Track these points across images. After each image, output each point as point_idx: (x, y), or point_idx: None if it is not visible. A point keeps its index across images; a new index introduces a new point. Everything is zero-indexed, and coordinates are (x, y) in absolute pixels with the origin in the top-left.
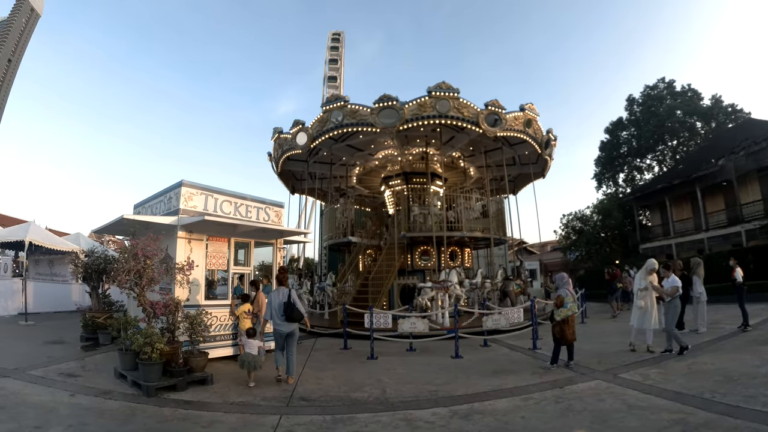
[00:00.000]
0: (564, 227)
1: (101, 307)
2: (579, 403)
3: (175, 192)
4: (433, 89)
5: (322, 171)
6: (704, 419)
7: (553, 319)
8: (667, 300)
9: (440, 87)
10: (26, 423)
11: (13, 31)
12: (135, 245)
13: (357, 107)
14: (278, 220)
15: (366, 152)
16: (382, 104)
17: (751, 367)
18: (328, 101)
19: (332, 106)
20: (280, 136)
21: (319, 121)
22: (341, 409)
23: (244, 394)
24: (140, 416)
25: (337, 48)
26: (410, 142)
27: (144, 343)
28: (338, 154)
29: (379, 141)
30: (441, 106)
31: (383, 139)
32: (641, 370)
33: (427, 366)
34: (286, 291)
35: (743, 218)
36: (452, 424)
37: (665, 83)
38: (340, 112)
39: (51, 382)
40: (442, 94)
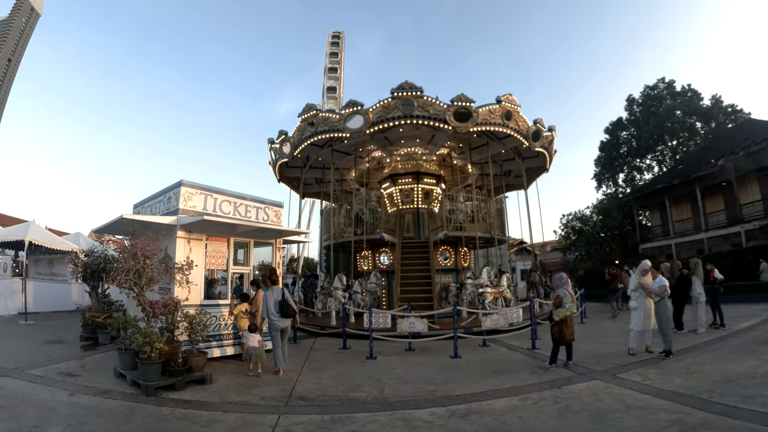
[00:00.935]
0: (564, 227)
1: (101, 307)
2: (577, 403)
3: (175, 192)
4: (396, 90)
5: (319, 176)
6: (702, 419)
7: (552, 319)
8: (656, 300)
9: (403, 87)
10: (26, 422)
11: (13, 30)
12: (134, 245)
13: (327, 115)
14: (277, 220)
15: (356, 155)
16: (349, 110)
17: (749, 368)
18: (304, 111)
19: (307, 115)
20: (273, 145)
21: (298, 130)
22: (340, 408)
23: (243, 394)
24: (139, 415)
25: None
26: (394, 144)
27: (143, 342)
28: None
29: (365, 144)
30: (405, 107)
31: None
32: (640, 370)
33: (425, 366)
34: (280, 290)
35: (743, 218)
36: (450, 423)
37: (665, 83)
38: (315, 121)
39: (50, 381)
40: (405, 93)
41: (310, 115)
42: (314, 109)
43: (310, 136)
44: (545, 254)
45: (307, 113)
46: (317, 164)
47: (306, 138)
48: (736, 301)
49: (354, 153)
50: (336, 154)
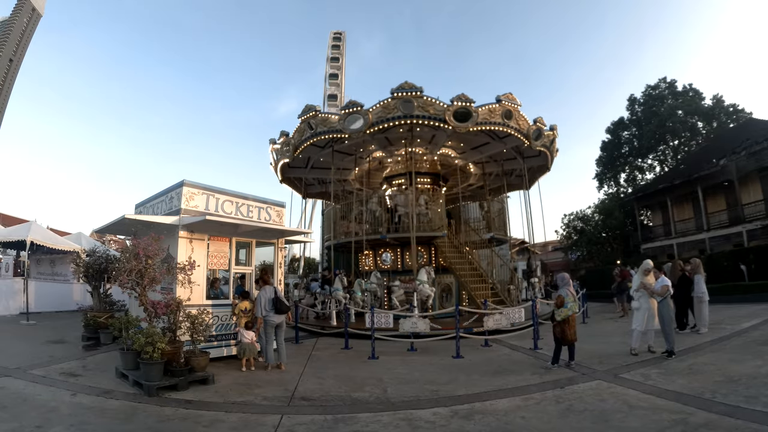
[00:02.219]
0: (565, 227)
1: (103, 307)
2: (580, 404)
3: (177, 192)
4: (396, 90)
5: (321, 176)
6: (705, 419)
7: (554, 319)
8: (658, 300)
9: (403, 87)
10: (28, 422)
11: (15, 31)
12: (136, 245)
13: (327, 116)
14: (279, 220)
15: (357, 156)
16: (349, 110)
17: (752, 368)
18: (303, 112)
19: (306, 116)
20: (274, 146)
21: (298, 131)
22: (342, 408)
23: (245, 394)
24: (141, 415)
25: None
26: (394, 144)
27: (145, 342)
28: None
29: (365, 144)
30: (405, 106)
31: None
32: (642, 370)
33: (428, 366)
34: (272, 288)
35: (744, 218)
36: (453, 423)
37: (666, 83)
38: (314, 122)
39: (52, 381)
40: (405, 94)
41: (310, 116)
42: (314, 110)
43: (310, 137)
44: (547, 254)
45: (307, 114)
46: (319, 165)
47: (306, 139)
48: (738, 301)
49: (354, 154)
50: (337, 154)
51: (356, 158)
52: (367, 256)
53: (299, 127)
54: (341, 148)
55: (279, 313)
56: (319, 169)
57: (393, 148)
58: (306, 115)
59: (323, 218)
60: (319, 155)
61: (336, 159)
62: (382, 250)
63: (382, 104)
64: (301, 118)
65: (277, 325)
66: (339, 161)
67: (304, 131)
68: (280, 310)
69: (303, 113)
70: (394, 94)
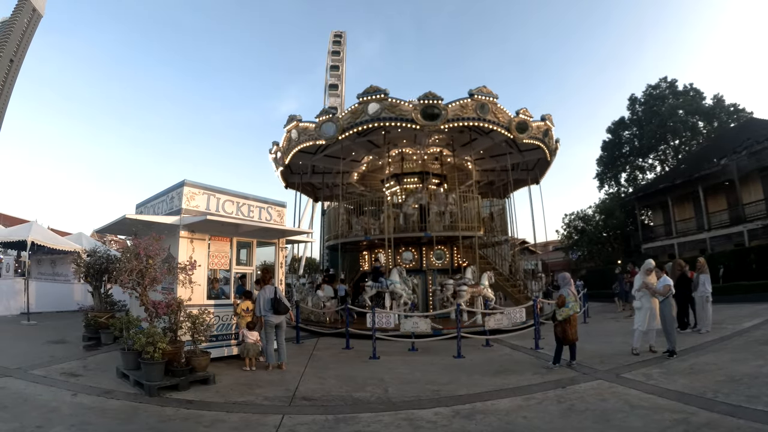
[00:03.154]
0: (566, 227)
1: (103, 307)
2: (581, 403)
3: (177, 192)
4: (475, 92)
5: (327, 180)
6: (707, 419)
7: (555, 318)
8: (660, 299)
9: (481, 91)
10: (29, 422)
11: (15, 31)
12: (137, 245)
13: (306, 125)
14: (280, 220)
15: (348, 159)
16: (426, 101)
17: (753, 367)
18: (287, 122)
19: (289, 126)
20: (300, 124)
21: (286, 140)
22: (343, 408)
23: (246, 394)
24: (142, 415)
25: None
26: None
27: (146, 342)
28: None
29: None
30: (482, 110)
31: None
32: (643, 370)
33: (429, 366)
34: (272, 288)
35: (745, 218)
36: (454, 423)
37: (667, 83)
38: (381, 105)
39: (53, 381)
40: (483, 98)
41: (292, 126)
42: (295, 119)
43: (295, 145)
44: (547, 254)
45: (290, 124)
46: (320, 170)
47: (292, 147)
48: (740, 301)
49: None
50: (331, 159)
51: (350, 161)
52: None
53: (286, 136)
54: (332, 152)
55: (278, 314)
56: (318, 173)
57: (380, 150)
58: (289, 125)
59: (323, 218)
60: (312, 161)
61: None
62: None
63: (351, 110)
64: (286, 128)
65: (277, 325)
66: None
67: (362, 113)
68: (278, 311)
69: (287, 123)
70: (360, 98)
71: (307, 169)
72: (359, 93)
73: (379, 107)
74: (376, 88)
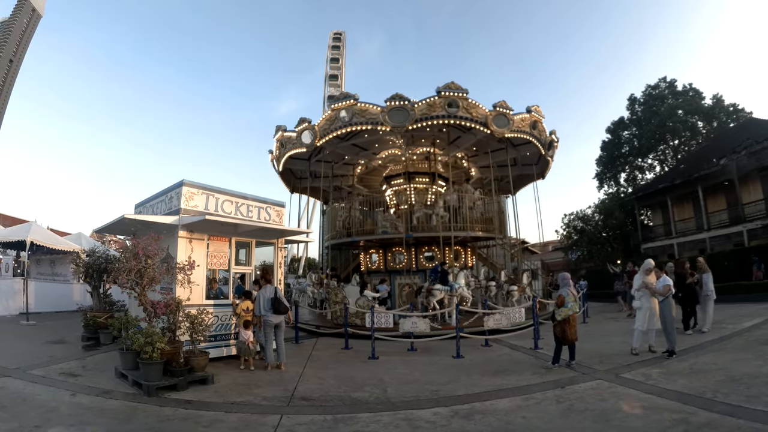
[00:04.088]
0: (565, 227)
1: (102, 307)
2: (581, 403)
3: (176, 192)
4: (442, 89)
5: (322, 170)
6: (706, 419)
7: (555, 318)
8: (660, 299)
9: (449, 87)
10: (27, 422)
11: (15, 31)
12: (136, 245)
13: (366, 106)
14: (279, 220)
15: (370, 151)
16: (393, 103)
17: (753, 367)
18: (337, 99)
19: (341, 104)
20: (284, 134)
21: (327, 119)
22: (342, 408)
23: (244, 394)
24: (141, 415)
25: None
26: (415, 142)
27: (145, 342)
28: (341, 153)
29: (384, 140)
30: (450, 107)
31: (388, 138)
32: (643, 370)
33: (428, 366)
34: (272, 288)
35: (745, 218)
36: (453, 423)
37: (667, 83)
38: (349, 111)
39: (52, 381)
40: (451, 94)
41: (278, 136)
42: (280, 129)
43: (342, 125)
44: (547, 254)
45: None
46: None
47: (336, 128)
48: (740, 301)
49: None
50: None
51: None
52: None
53: (329, 115)
54: (323, 157)
55: (278, 314)
56: (322, 162)
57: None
58: (341, 103)
59: (323, 218)
60: (309, 167)
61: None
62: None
63: (428, 102)
64: (334, 106)
65: (276, 325)
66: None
67: (335, 120)
68: (278, 311)
69: (337, 100)
70: (441, 93)
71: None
72: (439, 87)
73: (350, 113)
74: (346, 94)
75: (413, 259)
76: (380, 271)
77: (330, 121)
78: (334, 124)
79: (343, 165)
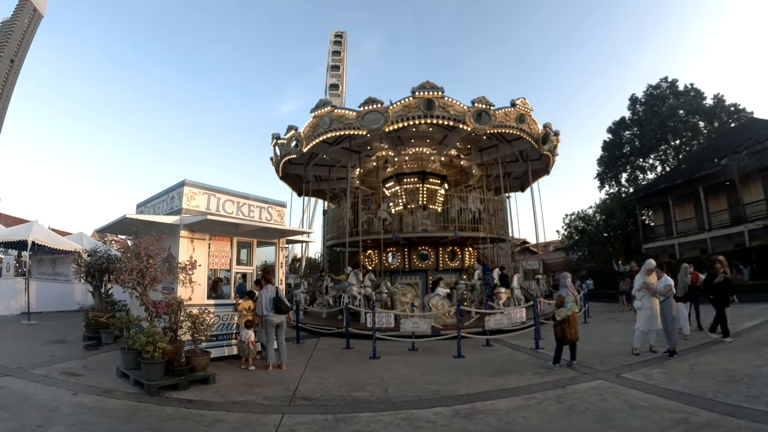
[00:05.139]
0: (567, 227)
1: (104, 307)
2: (581, 403)
3: (178, 191)
4: (417, 89)
5: (322, 173)
6: (707, 419)
7: (555, 318)
8: (661, 300)
9: (424, 87)
10: (28, 421)
11: (16, 31)
12: (138, 244)
13: (342, 112)
14: (281, 220)
15: (363, 154)
16: (367, 107)
17: (753, 368)
18: (317, 106)
19: (320, 112)
20: (278, 141)
21: (311, 126)
22: (343, 408)
23: (246, 394)
24: (142, 415)
25: (340, 47)
26: (405, 143)
27: (146, 342)
28: (336, 156)
29: (374, 143)
30: (426, 106)
31: (377, 141)
32: (644, 370)
33: (429, 366)
34: (274, 288)
35: (746, 218)
36: (454, 423)
37: (668, 83)
38: (328, 117)
39: (53, 381)
40: (426, 93)
41: (274, 143)
42: (329, 105)
43: (324, 131)
44: (548, 254)
45: (322, 109)
46: (321, 162)
47: (319, 134)
48: (740, 301)
49: (361, 151)
50: (343, 152)
51: (361, 156)
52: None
53: (311, 122)
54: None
55: (279, 313)
56: (319, 166)
57: (402, 147)
58: (321, 110)
59: (325, 218)
60: (327, 152)
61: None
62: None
63: (404, 103)
64: (315, 113)
65: (277, 324)
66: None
67: (317, 126)
68: (280, 310)
69: (317, 108)
70: (416, 93)
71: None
72: (414, 87)
73: (328, 119)
74: (325, 101)
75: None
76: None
77: (313, 128)
78: (316, 131)
79: (341, 168)
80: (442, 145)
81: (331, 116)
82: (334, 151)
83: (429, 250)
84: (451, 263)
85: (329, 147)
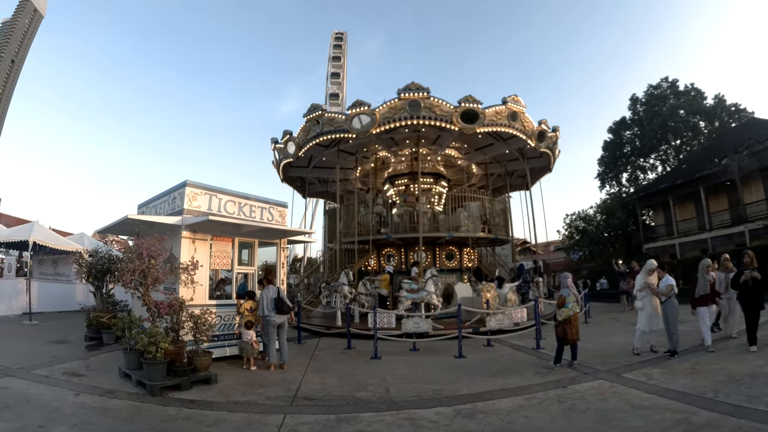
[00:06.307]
0: (567, 227)
1: (105, 307)
2: (582, 403)
3: (179, 192)
4: (402, 90)
5: (324, 175)
6: (707, 419)
7: (556, 319)
8: (662, 300)
9: (409, 88)
10: (31, 422)
11: (17, 31)
12: (140, 245)
13: (333, 115)
14: (282, 220)
15: (360, 155)
16: (355, 110)
17: (754, 368)
18: (308, 111)
19: (312, 116)
20: (277, 145)
21: (303, 130)
22: (345, 408)
23: (248, 394)
24: (144, 415)
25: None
26: (400, 144)
27: (148, 342)
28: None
29: (368, 144)
30: (412, 107)
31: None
32: (645, 370)
33: (430, 366)
34: (275, 288)
35: (747, 218)
36: (456, 423)
37: (668, 83)
38: (320, 121)
39: (55, 381)
40: (411, 95)
41: (316, 116)
42: (320, 109)
43: (315, 136)
44: (549, 254)
45: (313, 113)
46: (321, 164)
47: (311, 138)
48: None
49: (357, 153)
50: (341, 154)
51: (358, 158)
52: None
53: (304, 126)
54: (345, 147)
55: (280, 313)
56: (320, 168)
57: (397, 148)
58: (312, 114)
59: (325, 218)
60: (323, 154)
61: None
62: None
63: (390, 105)
64: (307, 118)
65: (279, 325)
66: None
67: (310, 130)
68: (281, 310)
69: (308, 112)
70: (401, 94)
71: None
72: (400, 89)
73: (320, 123)
74: (418, 86)
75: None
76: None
77: (306, 132)
78: (309, 134)
79: (341, 170)
80: (437, 145)
81: (323, 120)
82: (332, 153)
83: (454, 250)
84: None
85: (324, 150)
